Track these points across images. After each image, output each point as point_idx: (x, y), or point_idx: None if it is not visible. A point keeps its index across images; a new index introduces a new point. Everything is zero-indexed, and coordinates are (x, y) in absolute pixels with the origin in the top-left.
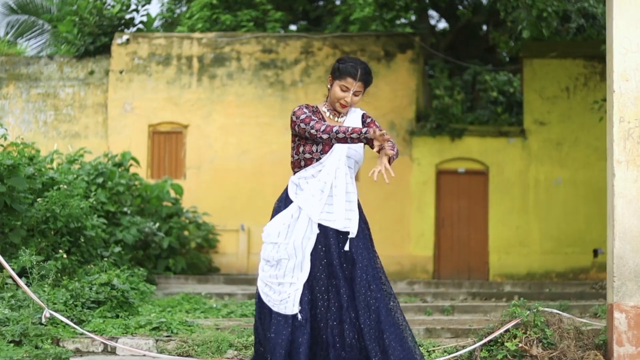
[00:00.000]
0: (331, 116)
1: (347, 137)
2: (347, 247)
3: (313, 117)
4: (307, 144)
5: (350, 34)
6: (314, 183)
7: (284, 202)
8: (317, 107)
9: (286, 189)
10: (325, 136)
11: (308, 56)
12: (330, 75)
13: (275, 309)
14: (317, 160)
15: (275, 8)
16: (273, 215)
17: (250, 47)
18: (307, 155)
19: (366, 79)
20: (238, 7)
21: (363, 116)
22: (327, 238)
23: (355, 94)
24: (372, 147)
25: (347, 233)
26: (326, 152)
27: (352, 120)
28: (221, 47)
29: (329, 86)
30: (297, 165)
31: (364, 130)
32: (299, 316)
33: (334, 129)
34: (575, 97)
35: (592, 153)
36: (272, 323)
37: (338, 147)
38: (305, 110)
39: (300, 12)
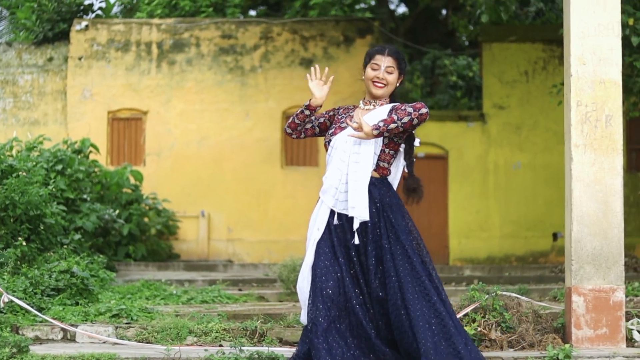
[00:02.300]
0: (362, 105)
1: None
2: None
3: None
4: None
5: (309, 19)
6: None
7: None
8: (356, 106)
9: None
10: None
11: (267, 41)
12: (362, 67)
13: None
14: (328, 142)
15: None
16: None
17: (209, 32)
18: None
19: (397, 56)
20: None
21: (391, 109)
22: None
23: (388, 71)
24: None
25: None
26: (335, 134)
27: (379, 113)
28: (180, 33)
29: (363, 78)
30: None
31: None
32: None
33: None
34: (534, 81)
35: (552, 137)
36: None
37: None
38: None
39: None
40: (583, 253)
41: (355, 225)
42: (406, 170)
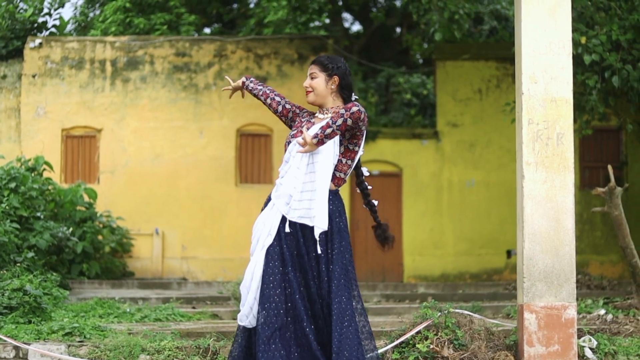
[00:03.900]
0: (319, 115)
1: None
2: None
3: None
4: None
5: (263, 37)
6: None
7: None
8: (312, 114)
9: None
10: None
11: (221, 59)
12: None
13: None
14: (288, 143)
15: (189, 11)
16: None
17: (163, 50)
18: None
19: (319, 60)
20: (152, 10)
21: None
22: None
23: (312, 77)
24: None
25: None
26: (296, 137)
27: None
28: (134, 51)
29: None
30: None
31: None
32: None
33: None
34: (488, 98)
35: (505, 154)
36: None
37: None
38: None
39: (214, 15)
40: (535, 270)
41: (316, 234)
42: (373, 217)
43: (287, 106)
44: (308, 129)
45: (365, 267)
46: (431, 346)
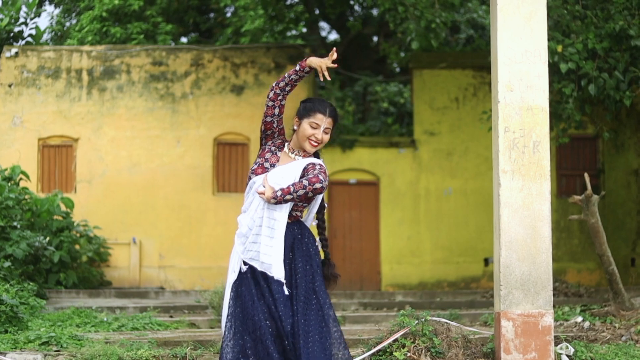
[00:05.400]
0: (289, 153)
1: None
2: (286, 292)
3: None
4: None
5: (240, 46)
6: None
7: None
8: (283, 143)
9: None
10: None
11: (198, 68)
12: (297, 116)
13: None
14: (250, 178)
15: (166, 20)
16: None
17: (140, 59)
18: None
19: (335, 117)
20: (128, 19)
21: (304, 168)
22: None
23: (325, 131)
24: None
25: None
26: (258, 174)
27: (297, 165)
28: (111, 60)
29: (295, 127)
30: None
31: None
32: None
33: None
34: (465, 107)
35: (482, 163)
36: None
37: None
38: (257, 160)
39: (191, 25)
40: (512, 278)
41: (280, 278)
42: (322, 252)
43: (275, 124)
44: (272, 165)
45: (343, 275)
46: (408, 354)
